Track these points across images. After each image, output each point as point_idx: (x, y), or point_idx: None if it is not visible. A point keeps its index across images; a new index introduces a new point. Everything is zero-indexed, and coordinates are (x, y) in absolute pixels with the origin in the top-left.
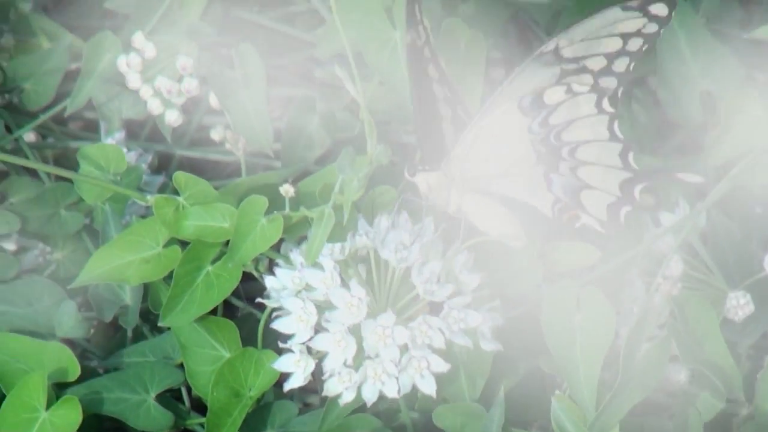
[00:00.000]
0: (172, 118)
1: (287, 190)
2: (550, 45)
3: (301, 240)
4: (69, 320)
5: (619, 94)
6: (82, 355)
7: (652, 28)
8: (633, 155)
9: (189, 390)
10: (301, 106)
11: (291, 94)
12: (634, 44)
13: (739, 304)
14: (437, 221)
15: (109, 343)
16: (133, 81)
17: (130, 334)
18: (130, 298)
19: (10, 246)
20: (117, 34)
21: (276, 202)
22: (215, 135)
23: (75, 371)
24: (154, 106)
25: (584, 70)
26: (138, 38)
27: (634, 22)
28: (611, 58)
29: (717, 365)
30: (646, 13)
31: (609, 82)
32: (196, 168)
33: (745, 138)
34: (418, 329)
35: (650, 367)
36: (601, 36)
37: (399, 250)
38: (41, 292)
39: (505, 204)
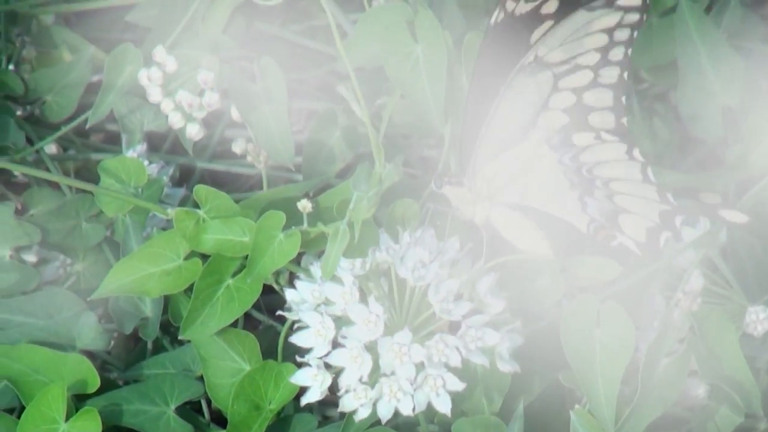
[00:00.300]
0: (194, 131)
1: (305, 205)
2: (529, 56)
3: (321, 253)
4: (89, 332)
5: (626, 77)
6: (102, 366)
7: (633, 17)
8: (668, 187)
9: (209, 402)
10: (322, 120)
11: (312, 108)
12: (622, 35)
13: (759, 319)
14: (464, 237)
15: (129, 355)
16: (154, 94)
17: (150, 346)
18: (150, 310)
19: (31, 258)
20: (138, 47)
21: (297, 216)
22: (237, 148)
23: (95, 383)
24: (175, 120)
25: (579, 68)
26: (159, 52)
27: (609, 18)
28: (604, 50)
29: (736, 380)
30: (618, 8)
31: (611, 72)
32: (217, 181)
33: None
34: (434, 347)
35: (669, 381)
36: (581, 36)
37: (417, 268)
38: (61, 303)
39: (537, 219)
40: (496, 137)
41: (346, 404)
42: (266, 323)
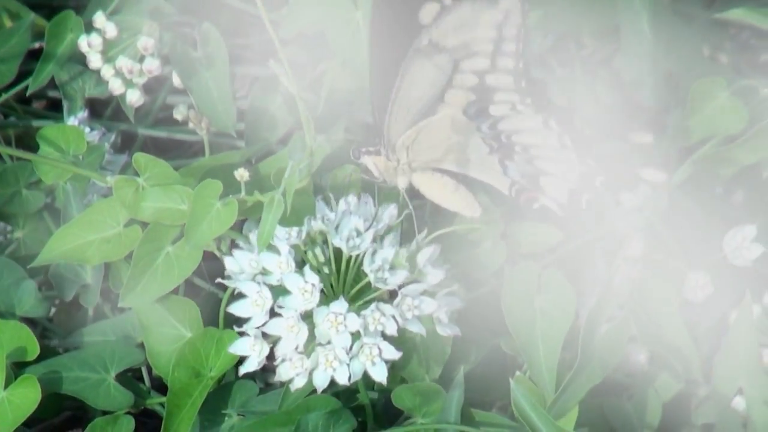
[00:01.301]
0: (134, 97)
1: (242, 174)
2: (423, 39)
3: None
4: (29, 299)
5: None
6: (42, 334)
7: (516, 18)
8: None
9: (149, 370)
10: (264, 87)
11: (255, 74)
12: (509, 32)
13: (699, 285)
14: (400, 205)
15: (69, 322)
16: (95, 61)
17: (90, 313)
18: (90, 277)
19: None
20: (80, 14)
21: (237, 183)
22: (178, 114)
23: (34, 350)
24: (116, 86)
25: (475, 54)
26: (99, 18)
27: (494, 14)
28: (496, 42)
29: (676, 346)
30: (499, 9)
31: (506, 61)
32: (160, 147)
33: (709, 122)
34: (370, 316)
35: (610, 347)
36: (472, 26)
37: (352, 237)
38: (1, 270)
39: (459, 180)
40: (405, 110)
41: (282, 373)
42: (208, 290)
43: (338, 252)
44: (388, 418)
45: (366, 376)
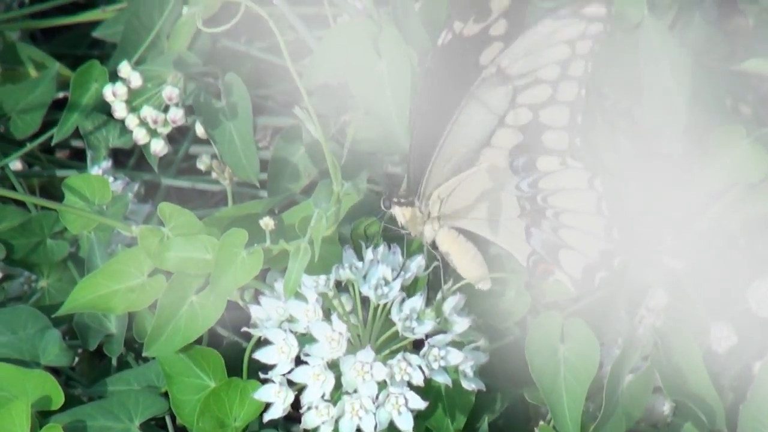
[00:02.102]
0: (158, 147)
1: (267, 223)
2: (491, 68)
3: (286, 270)
4: (53, 348)
5: (583, 97)
6: (67, 383)
7: (596, 28)
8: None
9: (173, 419)
10: (287, 137)
11: (278, 124)
12: (583, 47)
13: (723, 336)
14: (427, 256)
15: (93, 371)
16: (119, 110)
17: (114, 362)
18: (115, 326)
19: None
20: (104, 64)
21: (261, 233)
22: (201, 165)
23: (59, 399)
24: (140, 136)
25: (538, 81)
26: (124, 67)
27: (573, 28)
28: (565, 64)
29: (700, 397)
30: (583, 17)
31: (569, 88)
32: (183, 196)
33: (731, 172)
34: (397, 366)
35: (634, 398)
36: (544, 47)
37: (380, 286)
38: (26, 320)
39: (479, 248)
40: (447, 159)
41: (308, 421)
42: (231, 339)
43: (365, 300)
44: None
45: (391, 424)
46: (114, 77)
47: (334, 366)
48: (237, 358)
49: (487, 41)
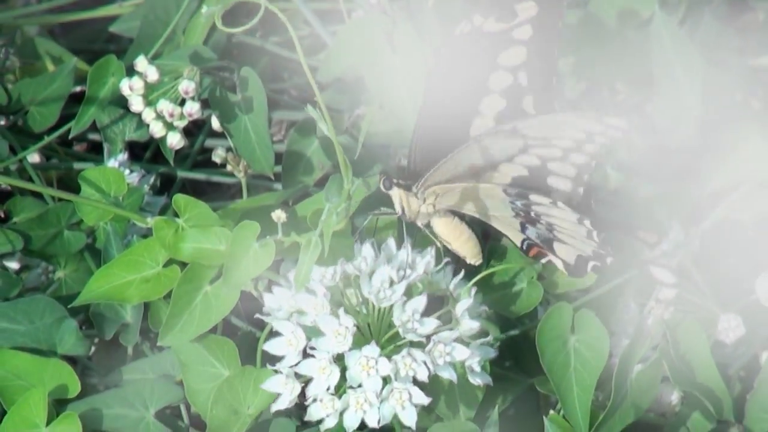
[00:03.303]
0: (174, 140)
1: (279, 216)
2: (507, 125)
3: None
4: (70, 338)
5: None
6: (83, 372)
7: (614, 133)
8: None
9: (188, 407)
10: (300, 130)
11: (292, 118)
12: (601, 139)
13: (731, 327)
14: (439, 252)
15: (109, 360)
16: (136, 104)
17: (130, 351)
18: (130, 316)
19: (13, 264)
20: (121, 58)
21: (275, 224)
22: (217, 157)
23: (75, 388)
24: (157, 129)
25: (551, 145)
26: (141, 62)
27: (595, 126)
28: (580, 143)
29: (708, 387)
30: (604, 123)
31: (579, 158)
32: (198, 189)
33: (742, 167)
34: (402, 362)
35: (643, 388)
36: (564, 128)
37: (383, 289)
38: (43, 310)
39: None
40: (456, 165)
41: (313, 413)
42: (245, 329)
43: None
44: None
45: (396, 418)
46: (131, 71)
47: (340, 359)
48: (251, 348)
49: (509, 43)
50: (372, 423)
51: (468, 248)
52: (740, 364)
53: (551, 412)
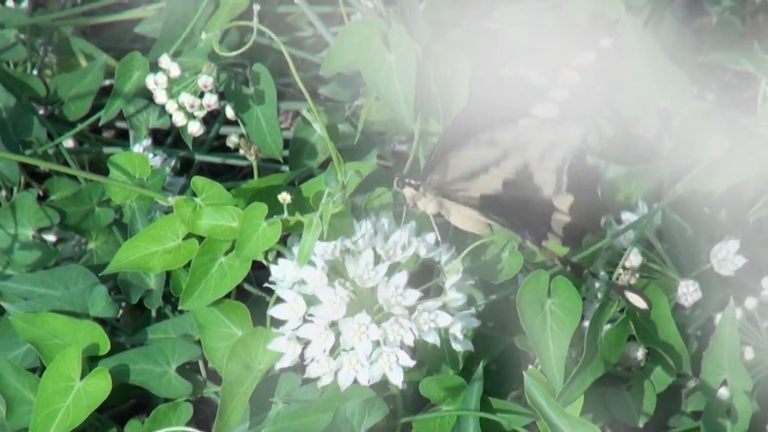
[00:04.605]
0: (194, 128)
1: (284, 198)
2: (485, 135)
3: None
4: (101, 302)
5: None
6: (112, 332)
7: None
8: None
9: (206, 363)
10: (305, 120)
11: (298, 108)
12: (562, 147)
13: (689, 292)
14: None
15: (135, 321)
16: (160, 96)
17: (153, 314)
18: (154, 283)
19: (51, 237)
20: (145, 55)
21: (281, 203)
22: (230, 143)
23: (106, 346)
24: (179, 119)
25: (526, 153)
26: (164, 59)
27: (555, 135)
28: (548, 149)
29: (669, 344)
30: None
31: (551, 163)
32: (214, 171)
33: (697, 149)
34: (390, 328)
35: (611, 345)
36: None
37: (367, 270)
38: (77, 277)
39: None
40: (453, 173)
41: (311, 371)
42: (256, 295)
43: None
44: (416, 405)
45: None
46: (154, 67)
47: (335, 325)
48: (262, 311)
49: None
50: (363, 382)
51: (475, 224)
52: (697, 324)
53: (530, 367)
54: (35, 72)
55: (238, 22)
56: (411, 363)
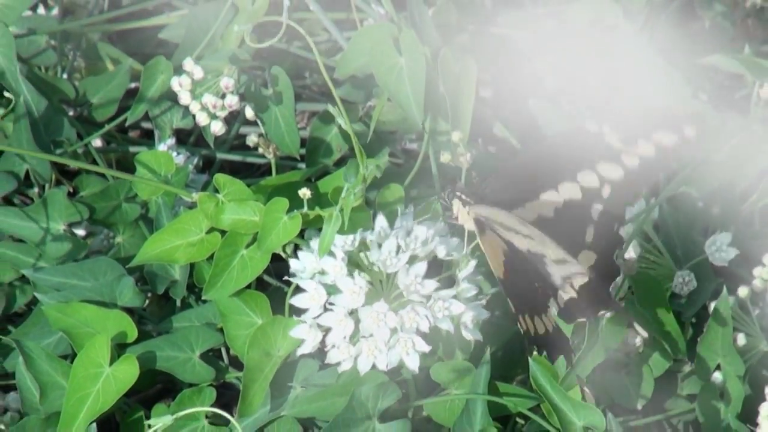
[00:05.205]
0: (216, 128)
1: (304, 193)
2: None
3: (321, 229)
4: (128, 292)
5: None
6: (139, 320)
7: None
8: None
9: (228, 350)
10: (322, 119)
11: (314, 109)
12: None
13: (684, 282)
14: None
15: (161, 311)
16: (184, 98)
17: (178, 303)
18: (178, 274)
19: (81, 231)
20: (169, 59)
21: (300, 199)
22: (250, 142)
23: (133, 334)
24: (202, 119)
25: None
26: (188, 63)
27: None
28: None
29: (666, 331)
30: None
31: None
32: (234, 168)
33: (692, 147)
34: (407, 315)
35: (612, 332)
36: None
37: (390, 257)
38: (106, 269)
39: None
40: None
41: (332, 357)
42: (275, 285)
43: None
44: (427, 389)
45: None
46: (177, 71)
47: (354, 313)
48: (280, 301)
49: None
50: (381, 366)
51: (497, 260)
52: (692, 312)
53: (535, 353)
54: (65, 76)
55: (267, 17)
56: (427, 348)
